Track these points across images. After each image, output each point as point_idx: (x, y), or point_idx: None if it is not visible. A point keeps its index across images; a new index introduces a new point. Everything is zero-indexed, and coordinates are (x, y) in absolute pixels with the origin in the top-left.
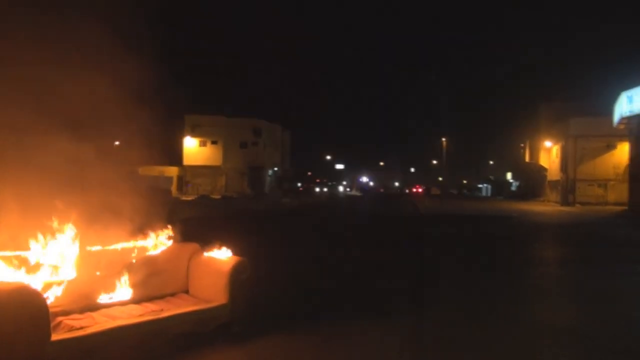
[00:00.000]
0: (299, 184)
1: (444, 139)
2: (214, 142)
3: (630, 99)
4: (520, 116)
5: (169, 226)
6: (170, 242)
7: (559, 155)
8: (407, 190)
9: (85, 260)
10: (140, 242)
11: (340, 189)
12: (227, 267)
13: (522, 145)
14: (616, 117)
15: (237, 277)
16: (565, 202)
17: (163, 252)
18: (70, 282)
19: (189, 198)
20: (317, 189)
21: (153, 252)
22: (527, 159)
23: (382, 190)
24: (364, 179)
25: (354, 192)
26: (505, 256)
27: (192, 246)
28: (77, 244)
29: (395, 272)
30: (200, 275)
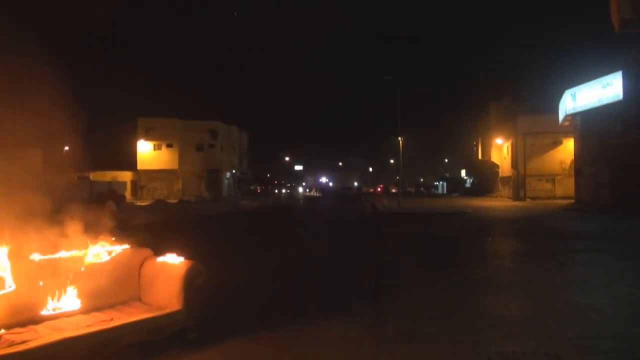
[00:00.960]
0: (258, 186)
1: (400, 138)
2: (169, 146)
3: (573, 97)
4: (472, 115)
5: (117, 233)
6: (120, 249)
7: (509, 152)
8: (370, 190)
9: (28, 270)
10: (89, 250)
11: (300, 190)
12: (181, 272)
13: (474, 143)
14: (561, 114)
15: (191, 282)
16: (516, 197)
17: (113, 259)
18: (10, 293)
19: (145, 203)
20: (276, 191)
21: (102, 259)
22: (479, 156)
23: (342, 190)
24: (324, 180)
25: (314, 193)
26: (460, 251)
27: (144, 252)
28: (13, 253)
29: (354, 271)
30: (153, 282)
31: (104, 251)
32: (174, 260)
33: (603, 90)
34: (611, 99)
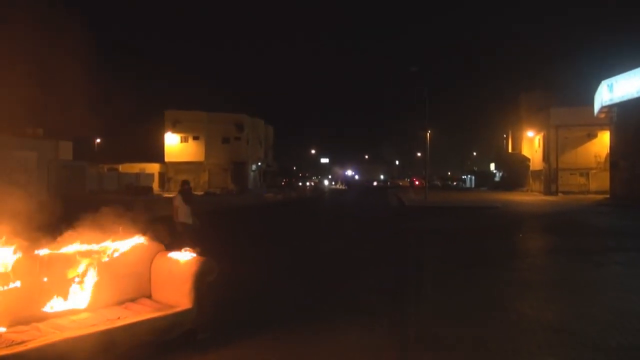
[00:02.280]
0: (282, 179)
1: (427, 131)
2: (195, 138)
3: (610, 88)
4: (502, 107)
5: (130, 226)
6: (131, 243)
7: (541, 145)
8: (400, 182)
9: (32, 266)
10: (99, 245)
11: (326, 182)
12: (192, 269)
13: (504, 135)
14: (597, 106)
15: (203, 279)
16: (548, 191)
17: (123, 255)
18: (13, 290)
19: (171, 195)
20: (300, 183)
21: (112, 254)
22: (509, 149)
23: (368, 183)
24: (349, 173)
25: (339, 186)
26: (489, 248)
27: (155, 247)
28: (20, 247)
29: (376, 269)
30: (164, 279)
31: (114, 246)
32: (185, 256)
33: None
34: None
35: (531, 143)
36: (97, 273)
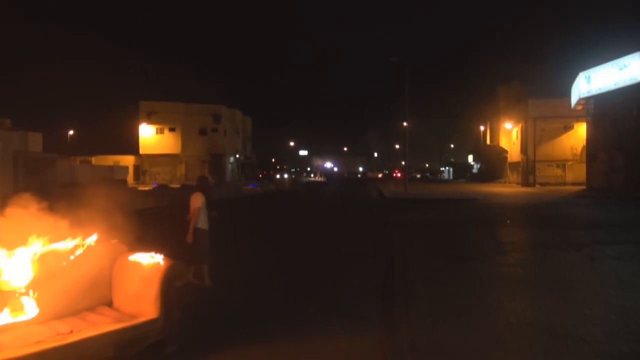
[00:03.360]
0: (260, 171)
1: (405, 123)
2: (171, 130)
3: (588, 79)
4: (480, 99)
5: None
6: (89, 243)
7: (518, 137)
8: (379, 175)
9: None
10: (51, 245)
11: (304, 175)
12: (158, 273)
13: (482, 127)
14: (574, 98)
15: (170, 284)
16: (525, 183)
17: (79, 257)
18: None
19: (146, 188)
20: (278, 176)
21: (67, 256)
22: (487, 141)
23: (347, 175)
24: (328, 165)
25: (318, 178)
26: (475, 242)
27: (117, 247)
28: None
29: (362, 266)
30: (126, 283)
31: (69, 246)
32: (150, 258)
33: (620, 73)
34: (628, 82)
35: (509, 135)
36: (48, 278)
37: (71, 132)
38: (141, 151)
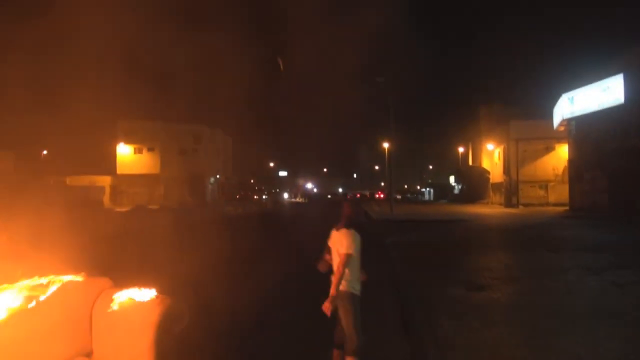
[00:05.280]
0: (239, 192)
1: (385, 145)
2: (150, 149)
3: (571, 101)
4: (461, 119)
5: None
6: (63, 281)
7: (501, 158)
8: (358, 195)
9: None
10: (15, 284)
11: (285, 195)
12: (152, 315)
13: (462, 149)
14: (556, 119)
15: (168, 329)
16: (509, 204)
17: (50, 298)
18: None
19: (124, 209)
20: (256, 197)
21: (30, 298)
22: (470, 162)
23: (328, 196)
24: (309, 186)
25: (299, 199)
26: (481, 267)
27: (100, 282)
28: None
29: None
30: (110, 329)
31: (40, 283)
32: (141, 295)
33: (603, 94)
34: (612, 103)
35: (491, 156)
36: (10, 326)
37: (45, 152)
38: (118, 171)
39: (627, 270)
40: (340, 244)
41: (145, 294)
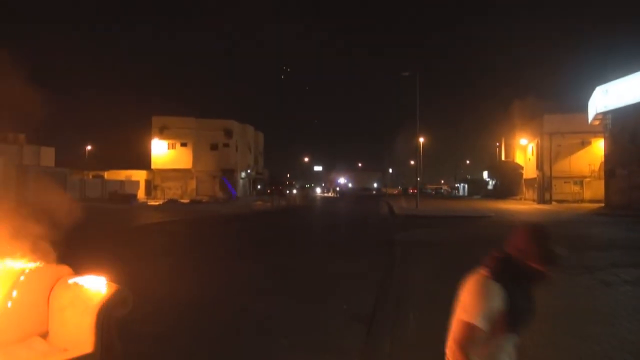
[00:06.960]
0: (270, 187)
1: (421, 139)
2: (183, 144)
3: (605, 93)
4: (495, 115)
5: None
6: (27, 267)
7: (534, 153)
8: (395, 192)
9: None
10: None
11: (318, 190)
12: (96, 300)
13: (497, 144)
14: (591, 113)
15: (110, 313)
16: (541, 200)
17: (15, 281)
18: None
19: (157, 202)
20: (287, 191)
21: (17, 276)
22: (502, 157)
23: (361, 191)
24: (342, 181)
25: (331, 194)
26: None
27: (59, 270)
28: None
29: (365, 292)
30: (62, 311)
31: (25, 266)
32: (91, 282)
33: (639, 86)
34: None
35: (524, 151)
36: None
37: (89, 148)
38: (153, 166)
39: (630, 270)
40: (462, 301)
41: (95, 281)
